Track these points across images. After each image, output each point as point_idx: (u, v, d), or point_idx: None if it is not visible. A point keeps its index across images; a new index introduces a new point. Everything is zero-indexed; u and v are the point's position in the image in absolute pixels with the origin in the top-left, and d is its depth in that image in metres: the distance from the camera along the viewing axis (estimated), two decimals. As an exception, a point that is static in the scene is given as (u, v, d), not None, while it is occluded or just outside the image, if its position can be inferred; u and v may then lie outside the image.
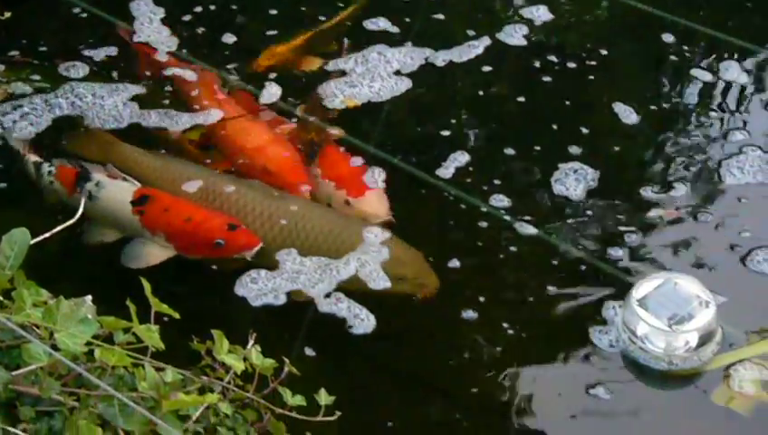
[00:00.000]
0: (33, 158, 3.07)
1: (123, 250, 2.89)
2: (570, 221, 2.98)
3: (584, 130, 3.26)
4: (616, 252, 2.88)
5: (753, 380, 2.51)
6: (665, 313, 2.55)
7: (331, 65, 3.45)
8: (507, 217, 2.98)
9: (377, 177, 3.07)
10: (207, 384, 2.01)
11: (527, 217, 2.98)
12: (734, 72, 3.39)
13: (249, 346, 2.05)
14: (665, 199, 3.02)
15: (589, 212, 3.00)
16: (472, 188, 3.08)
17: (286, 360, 2.09)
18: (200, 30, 3.63)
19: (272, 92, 3.35)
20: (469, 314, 2.75)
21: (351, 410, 2.11)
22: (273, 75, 3.42)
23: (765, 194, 3.01)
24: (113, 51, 3.50)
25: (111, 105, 3.27)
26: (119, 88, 3.33)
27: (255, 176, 3.05)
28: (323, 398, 2.08)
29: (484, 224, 2.99)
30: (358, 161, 3.11)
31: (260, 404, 2.05)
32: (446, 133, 3.28)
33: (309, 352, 2.65)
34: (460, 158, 3.16)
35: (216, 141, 3.19)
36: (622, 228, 2.94)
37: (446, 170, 3.14)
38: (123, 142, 3.15)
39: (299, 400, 2.06)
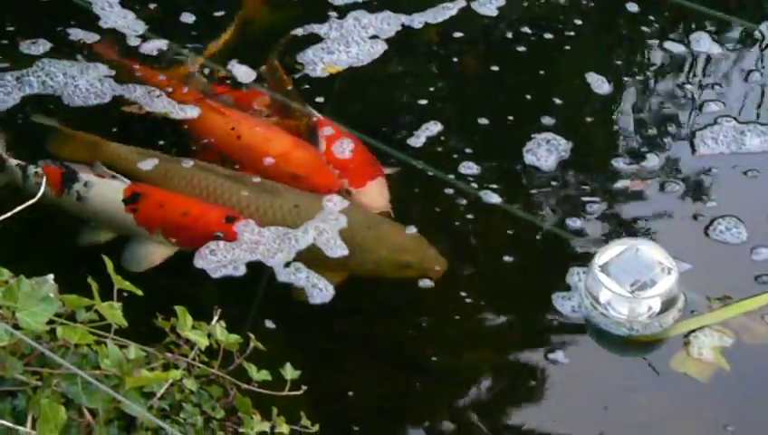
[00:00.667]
0: (14, 161, 2.97)
1: (123, 254, 2.81)
2: (536, 190, 2.98)
3: (557, 101, 3.26)
4: (580, 221, 2.90)
5: (713, 346, 2.53)
6: (627, 279, 2.57)
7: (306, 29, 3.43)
8: (474, 185, 2.98)
9: (345, 147, 3.06)
10: (172, 361, 2.01)
11: (493, 186, 2.98)
12: (705, 43, 3.38)
13: (213, 322, 2.05)
14: (636, 170, 3.03)
15: (556, 182, 3.01)
16: (442, 157, 3.09)
17: (251, 335, 2.09)
18: (153, 6, 3.56)
19: (244, 73, 3.31)
20: (426, 282, 2.76)
21: (313, 380, 2.11)
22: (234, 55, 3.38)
23: (736, 163, 3.01)
24: (77, 31, 3.45)
25: (86, 83, 3.24)
26: (89, 67, 3.31)
27: (283, 182, 2.99)
28: (289, 372, 2.08)
29: (449, 191, 2.98)
30: (362, 149, 3.06)
31: (225, 380, 2.05)
32: (418, 102, 3.28)
33: (269, 324, 2.65)
34: (432, 127, 3.16)
35: (231, 151, 3.09)
36: (588, 198, 2.95)
37: (418, 139, 3.13)
38: (110, 142, 3.07)
39: (264, 375, 2.06)
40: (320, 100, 3.28)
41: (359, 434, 2.43)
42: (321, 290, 2.72)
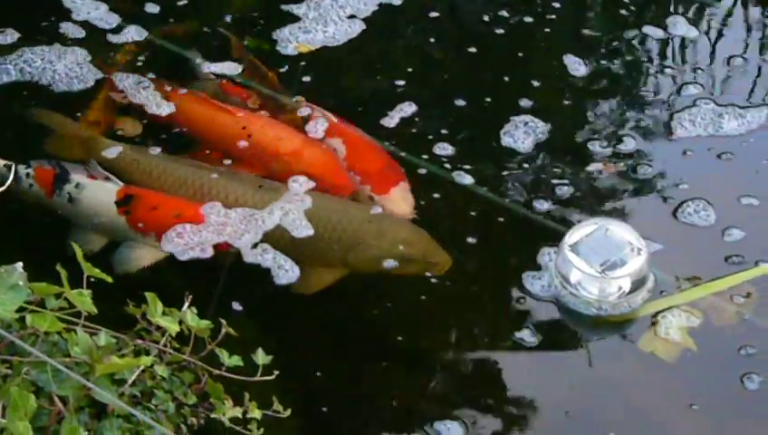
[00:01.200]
0: (2, 161, 2.84)
1: (113, 257, 2.74)
2: (510, 172, 2.98)
3: (535, 84, 3.26)
4: (551, 202, 2.89)
5: (680, 327, 2.54)
6: (597, 259, 2.57)
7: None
8: (447, 166, 2.98)
9: (319, 127, 3.06)
10: (143, 347, 2.01)
11: (467, 167, 2.98)
12: (682, 27, 3.38)
13: (184, 308, 2.05)
14: (612, 152, 3.02)
15: (531, 164, 3.00)
16: (416, 138, 3.07)
17: (223, 321, 2.09)
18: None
19: (230, 68, 3.28)
20: (393, 263, 2.75)
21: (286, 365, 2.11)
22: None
23: (711, 146, 3.01)
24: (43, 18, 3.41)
25: (63, 68, 3.22)
26: (66, 51, 3.29)
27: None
28: (260, 358, 2.09)
29: (422, 171, 2.99)
30: (383, 154, 2.99)
31: (197, 366, 2.06)
32: (394, 83, 3.25)
33: (238, 307, 2.65)
34: (407, 108, 3.16)
35: (236, 150, 2.98)
36: (560, 180, 2.94)
37: (392, 120, 3.13)
38: (105, 139, 2.97)
39: (236, 360, 2.06)
40: (299, 79, 3.26)
41: (331, 418, 2.43)
42: (286, 271, 2.72)
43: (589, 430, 2.44)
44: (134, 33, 3.36)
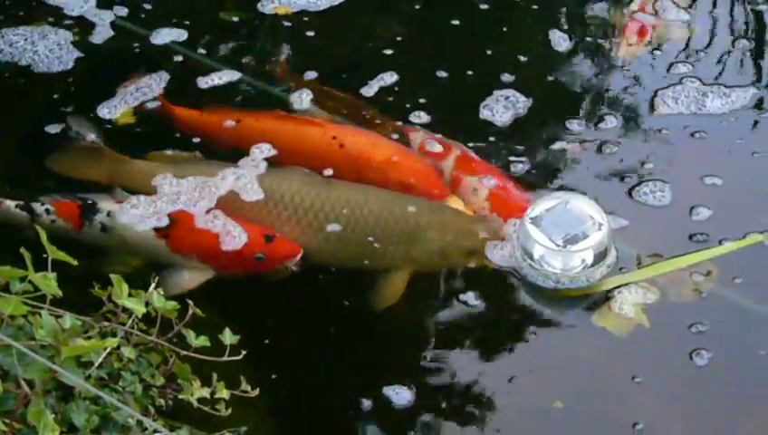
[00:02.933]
0: (12, 203, 2.73)
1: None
2: (480, 144, 2.97)
3: (521, 58, 3.24)
4: (520, 175, 2.89)
5: (635, 303, 2.55)
6: (558, 232, 2.57)
7: None
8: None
9: (304, 97, 3.05)
10: (109, 329, 2.01)
11: (437, 136, 2.97)
12: (672, 11, 3.34)
13: (150, 289, 2.05)
14: (591, 128, 3.01)
15: (504, 137, 2.99)
16: (393, 105, 3.07)
17: (190, 302, 2.10)
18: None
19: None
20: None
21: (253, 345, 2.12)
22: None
23: (687, 124, 2.99)
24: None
25: (44, 49, 3.21)
26: (46, 30, 3.27)
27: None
28: (228, 338, 2.09)
29: (395, 137, 2.97)
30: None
31: (164, 347, 2.06)
32: (377, 51, 3.25)
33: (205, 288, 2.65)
34: (388, 78, 3.15)
35: (329, 162, 2.88)
36: (525, 157, 2.93)
37: (371, 89, 3.12)
38: (132, 159, 2.88)
39: (203, 340, 2.07)
40: (279, 46, 3.26)
41: (299, 398, 2.44)
42: (235, 237, 2.70)
43: (533, 397, 2.45)
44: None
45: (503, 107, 3.05)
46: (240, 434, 2.06)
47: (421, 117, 3.03)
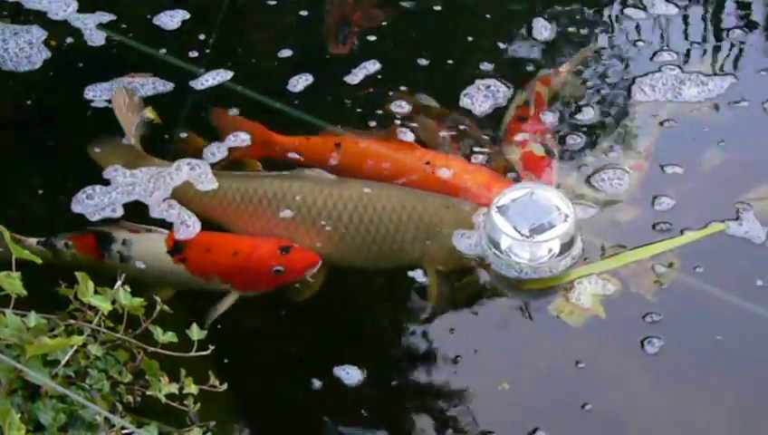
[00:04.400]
0: (33, 239, 2.65)
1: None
2: (451, 131, 2.96)
3: (501, 45, 3.22)
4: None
5: (593, 294, 2.55)
6: (525, 222, 2.56)
7: None
8: (397, 122, 2.95)
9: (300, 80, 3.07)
10: (75, 327, 2.01)
11: (413, 125, 2.95)
12: (661, 6, 3.33)
13: (117, 286, 2.05)
14: (567, 116, 3.00)
15: (480, 125, 2.99)
16: (373, 95, 3.06)
17: (157, 298, 2.10)
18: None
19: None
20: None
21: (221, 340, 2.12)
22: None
23: (656, 112, 2.97)
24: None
25: (14, 47, 3.19)
26: (20, 30, 3.25)
27: None
28: (195, 333, 2.09)
29: (373, 123, 2.97)
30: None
31: (132, 344, 2.06)
32: (360, 39, 3.23)
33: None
34: (370, 66, 3.15)
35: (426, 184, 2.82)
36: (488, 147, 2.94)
37: (355, 77, 3.11)
38: (152, 157, 2.85)
39: (170, 336, 2.06)
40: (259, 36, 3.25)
41: (267, 391, 2.44)
42: (188, 226, 2.69)
43: (480, 377, 2.46)
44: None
45: (483, 96, 3.04)
46: (209, 429, 2.06)
47: (403, 107, 3.01)
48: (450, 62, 3.19)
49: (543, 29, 3.26)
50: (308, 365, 2.47)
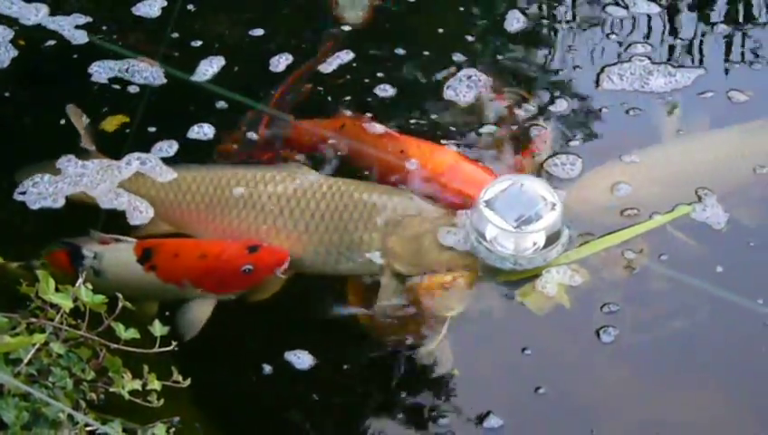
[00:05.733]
0: (14, 264, 2.60)
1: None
2: (420, 121, 2.99)
3: (468, 38, 3.24)
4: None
5: (560, 283, 2.57)
6: (512, 214, 2.58)
7: None
8: (369, 115, 2.97)
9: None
10: (37, 326, 2.02)
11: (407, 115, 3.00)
12: (642, 5, 3.34)
13: (78, 284, 2.06)
14: (538, 107, 3.02)
15: (436, 115, 3.01)
16: (348, 86, 3.09)
17: (119, 295, 2.10)
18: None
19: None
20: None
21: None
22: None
23: (624, 101, 3.00)
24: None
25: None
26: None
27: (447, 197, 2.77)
28: (158, 329, 2.10)
29: (348, 112, 2.99)
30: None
31: (94, 341, 2.07)
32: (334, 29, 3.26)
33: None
34: (344, 56, 3.15)
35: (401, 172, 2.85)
36: (462, 138, 2.95)
37: (329, 66, 3.13)
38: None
39: (132, 333, 2.07)
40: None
41: (230, 386, 2.46)
42: (141, 212, 2.73)
43: (433, 364, 2.49)
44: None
45: (466, 87, 3.05)
46: (173, 424, 2.07)
47: (386, 90, 3.03)
48: (426, 53, 3.19)
49: (515, 21, 3.28)
50: (260, 353, 2.50)
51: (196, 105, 3.05)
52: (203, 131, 2.96)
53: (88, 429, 1.95)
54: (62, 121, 2.97)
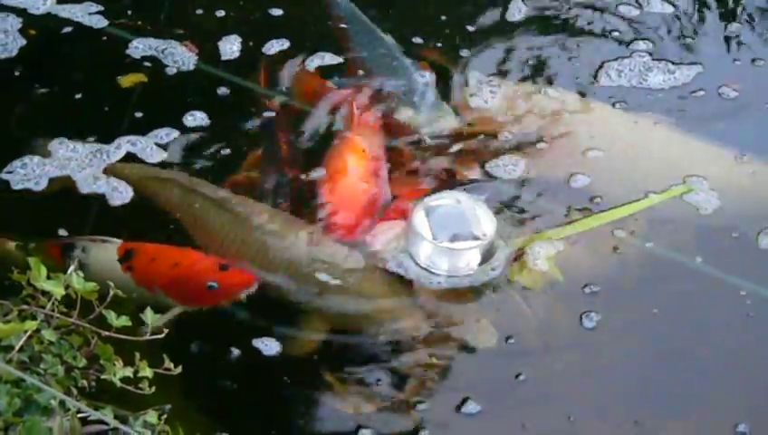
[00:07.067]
0: (11, 243, 2.65)
1: None
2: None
3: (470, 29, 3.28)
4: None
5: (548, 256, 2.58)
6: (446, 232, 2.55)
7: None
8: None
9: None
10: (28, 313, 2.02)
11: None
12: (656, 4, 3.37)
13: (69, 271, 2.07)
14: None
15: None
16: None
17: (111, 283, 2.11)
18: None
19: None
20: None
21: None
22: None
23: (612, 95, 3.03)
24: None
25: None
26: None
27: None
28: (150, 317, 2.11)
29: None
30: None
31: (86, 329, 2.08)
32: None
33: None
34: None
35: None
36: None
37: (313, 63, 3.15)
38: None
39: (124, 320, 2.08)
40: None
41: (222, 375, 2.47)
42: (121, 193, 2.76)
43: (410, 348, 2.51)
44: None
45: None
46: (165, 411, 2.07)
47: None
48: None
49: (516, 12, 3.30)
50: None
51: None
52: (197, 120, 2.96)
53: (80, 415, 1.95)
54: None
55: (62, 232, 2.71)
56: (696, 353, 2.49)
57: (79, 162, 2.79)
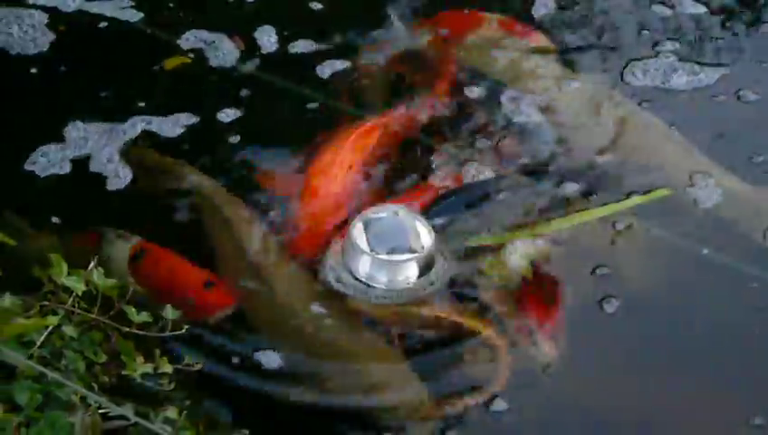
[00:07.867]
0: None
1: None
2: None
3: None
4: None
5: (525, 253, 2.55)
6: (384, 245, 2.50)
7: None
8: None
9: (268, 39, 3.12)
10: (49, 308, 2.03)
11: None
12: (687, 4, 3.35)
13: (90, 267, 2.08)
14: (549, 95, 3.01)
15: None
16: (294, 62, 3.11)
17: (131, 279, 2.12)
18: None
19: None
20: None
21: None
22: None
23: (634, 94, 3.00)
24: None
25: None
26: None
27: None
28: (170, 313, 2.12)
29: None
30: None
31: (106, 325, 2.09)
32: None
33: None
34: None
35: None
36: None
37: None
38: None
39: (145, 317, 2.09)
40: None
41: (240, 368, 2.48)
42: (119, 178, 2.77)
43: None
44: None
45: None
46: (185, 407, 2.08)
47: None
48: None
49: (543, 7, 3.28)
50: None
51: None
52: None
53: (100, 411, 1.96)
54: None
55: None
56: (709, 346, 2.48)
57: (95, 142, 2.80)
